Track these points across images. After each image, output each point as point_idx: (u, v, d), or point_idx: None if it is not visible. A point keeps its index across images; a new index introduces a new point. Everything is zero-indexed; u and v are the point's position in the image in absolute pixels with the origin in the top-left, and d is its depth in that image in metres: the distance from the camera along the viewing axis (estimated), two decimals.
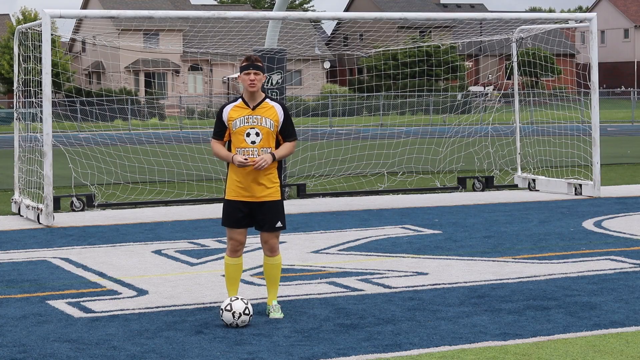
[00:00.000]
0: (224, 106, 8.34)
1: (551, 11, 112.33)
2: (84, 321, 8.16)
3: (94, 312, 8.52)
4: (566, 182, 18.06)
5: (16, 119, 16.24)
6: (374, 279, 9.93)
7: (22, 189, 15.87)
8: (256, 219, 8.29)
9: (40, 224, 14.37)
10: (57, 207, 15.46)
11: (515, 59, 19.68)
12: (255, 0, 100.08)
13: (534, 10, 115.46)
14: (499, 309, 8.48)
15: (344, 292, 9.31)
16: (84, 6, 76.44)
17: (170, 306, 8.74)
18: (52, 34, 14.93)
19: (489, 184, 18.93)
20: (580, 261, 10.82)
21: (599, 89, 24.68)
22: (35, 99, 15.55)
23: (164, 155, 21.01)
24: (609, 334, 7.57)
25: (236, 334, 7.69)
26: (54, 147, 14.80)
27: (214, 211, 15.86)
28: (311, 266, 10.75)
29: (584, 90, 18.99)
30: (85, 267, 10.76)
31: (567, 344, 7.29)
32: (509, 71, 20.71)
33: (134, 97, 54.44)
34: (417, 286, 9.54)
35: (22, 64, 16.09)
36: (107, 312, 8.50)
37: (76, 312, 8.49)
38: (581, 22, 18.62)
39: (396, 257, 11.28)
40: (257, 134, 8.16)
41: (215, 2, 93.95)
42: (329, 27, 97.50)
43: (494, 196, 17.82)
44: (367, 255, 11.48)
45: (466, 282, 9.70)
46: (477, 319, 8.08)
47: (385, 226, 13.92)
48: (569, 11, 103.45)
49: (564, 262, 10.76)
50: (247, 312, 7.88)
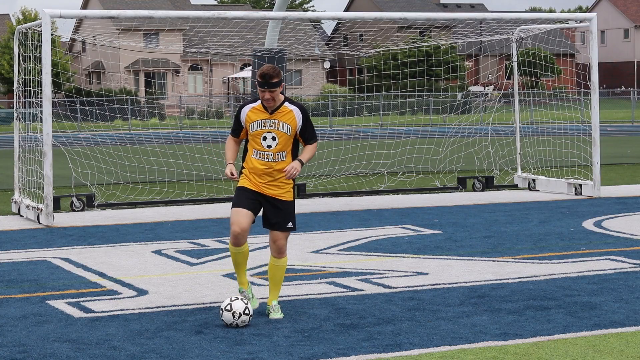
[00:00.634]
0: (243, 106, 8.39)
1: (551, 11, 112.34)
2: (84, 321, 8.16)
3: (94, 312, 8.52)
4: (566, 182, 18.06)
5: (16, 119, 16.24)
6: (374, 279, 9.93)
7: (22, 189, 15.87)
8: (266, 215, 8.31)
9: (40, 224, 14.37)
10: (57, 207, 15.46)
11: (515, 59, 19.68)
12: (255, 0, 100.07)
13: (534, 10, 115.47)
14: (499, 309, 8.48)
15: (344, 292, 9.31)
16: (84, 6, 76.44)
17: (170, 306, 8.74)
18: (52, 34, 14.93)
19: (489, 184, 18.93)
20: (580, 261, 10.82)
21: (599, 89, 24.69)
22: (35, 99, 15.55)
23: (164, 155, 21.01)
24: (609, 334, 7.58)
25: (236, 334, 7.69)
26: (54, 147, 14.80)
27: (214, 211, 15.87)
28: (311, 266, 10.75)
29: (584, 90, 18.99)
30: (85, 267, 10.76)
31: (567, 344, 7.29)
32: (509, 71, 20.71)
33: (134, 97, 54.45)
34: (417, 286, 9.54)
35: (22, 64, 16.09)
36: (107, 312, 8.50)
37: (76, 312, 8.49)
38: (581, 22, 18.62)
39: (396, 257, 11.28)
40: (273, 138, 8.18)
41: (215, 2, 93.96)
42: (329, 27, 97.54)
43: (494, 196, 17.82)
44: (367, 255, 11.49)
45: (466, 282, 9.70)
46: (477, 319, 8.09)
47: (385, 226, 13.92)
48: (569, 11, 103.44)
49: (564, 262, 10.76)
50: (247, 312, 7.88)
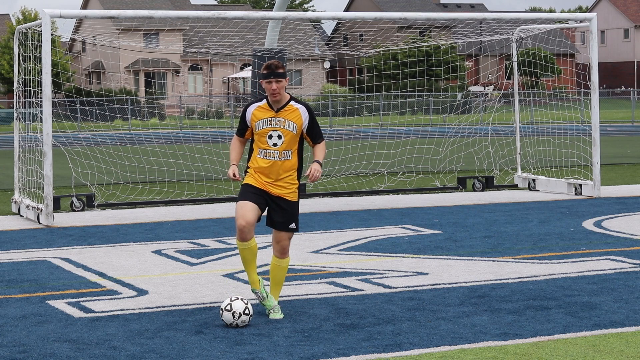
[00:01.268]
0: (249, 105, 8.40)
1: (551, 11, 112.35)
2: (84, 321, 8.16)
3: (94, 312, 8.52)
4: (566, 182, 18.06)
5: (16, 119, 16.25)
6: (374, 279, 9.93)
7: (22, 189, 15.87)
8: (270, 214, 8.31)
9: (40, 224, 14.37)
10: (57, 207, 15.46)
11: (515, 59, 19.68)
12: (255, 0, 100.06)
13: (534, 10, 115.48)
14: (499, 309, 8.48)
15: (344, 292, 9.32)
16: (84, 6, 76.45)
17: (170, 306, 8.74)
18: (52, 34, 14.93)
19: (489, 184, 18.93)
20: (580, 261, 10.82)
21: (599, 89, 24.70)
22: (35, 99, 15.55)
23: (164, 155, 21.01)
24: (609, 334, 7.58)
25: (236, 334, 7.69)
26: (54, 147, 14.80)
27: (214, 211, 15.87)
28: (311, 266, 10.75)
29: (584, 90, 19.00)
30: (85, 267, 10.76)
31: (567, 344, 7.29)
32: (509, 71, 20.71)
33: (134, 97, 54.44)
34: (417, 286, 9.54)
35: (22, 64, 16.09)
36: (107, 312, 8.50)
37: (76, 312, 8.50)
38: (581, 22, 18.62)
39: (396, 257, 11.28)
40: (279, 137, 8.18)
41: (215, 2, 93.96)
42: (329, 27, 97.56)
43: (494, 196, 17.82)
44: (367, 255, 11.49)
45: (466, 282, 9.70)
46: (477, 319, 8.09)
47: (385, 226, 13.92)
48: (569, 11, 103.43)
49: (564, 262, 10.76)
50: (247, 312, 7.88)
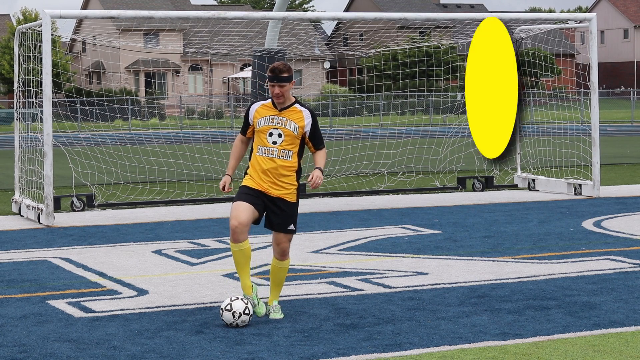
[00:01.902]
0: (253, 103, 8.43)
1: (551, 11, 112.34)
2: (84, 321, 8.17)
3: (94, 312, 8.53)
4: (566, 182, 18.07)
5: (16, 119, 16.26)
6: (374, 278, 9.94)
7: (22, 189, 15.88)
8: (269, 215, 8.30)
9: (40, 224, 14.37)
10: (57, 207, 15.47)
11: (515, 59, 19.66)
12: (255, 0, 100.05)
13: (534, 10, 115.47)
14: (499, 308, 8.49)
15: (344, 292, 9.32)
16: (84, 6, 76.46)
17: (170, 306, 8.75)
18: (52, 34, 14.94)
19: (488, 184, 18.94)
20: (579, 261, 10.83)
21: (599, 89, 24.70)
22: (35, 99, 15.56)
23: (164, 155, 21.02)
24: (609, 334, 7.58)
25: (236, 333, 7.70)
26: (54, 147, 14.81)
27: (214, 211, 15.88)
28: (311, 266, 10.76)
29: (584, 90, 19.00)
30: (85, 267, 10.77)
31: (566, 344, 7.30)
32: None
33: (134, 97, 54.45)
34: (417, 286, 9.55)
35: (23, 64, 16.10)
36: (107, 312, 8.51)
37: (76, 312, 8.50)
38: (581, 22, 18.63)
39: (396, 257, 11.29)
40: (279, 135, 8.18)
41: (215, 2, 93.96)
42: (329, 27, 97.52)
43: (494, 196, 17.83)
44: (367, 255, 11.49)
45: (466, 282, 9.71)
46: (477, 319, 8.10)
47: (385, 226, 13.93)
48: (569, 11, 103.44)
49: (564, 262, 10.77)
50: (247, 311, 7.89)
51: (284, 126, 8.19)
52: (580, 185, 17.73)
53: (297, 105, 8.30)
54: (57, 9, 14.82)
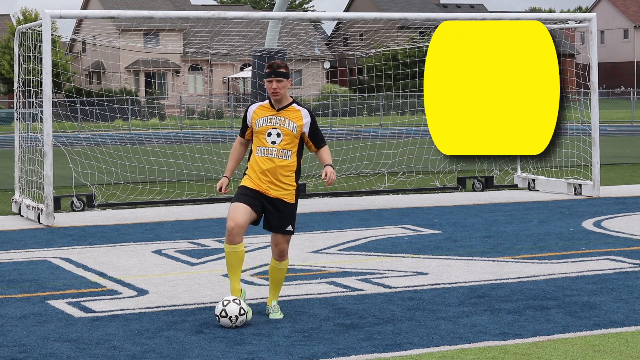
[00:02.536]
0: (251, 105, 8.43)
1: (551, 11, 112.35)
2: (84, 321, 8.17)
3: (94, 312, 8.53)
4: (566, 182, 18.07)
5: (16, 119, 16.26)
6: (374, 278, 9.94)
7: (22, 189, 15.88)
8: (267, 216, 8.28)
9: (40, 224, 14.38)
10: (57, 207, 15.47)
11: None
12: (255, 0, 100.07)
13: (534, 10, 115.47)
14: (499, 308, 8.49)
15: (344, 292, 9.32)
16: (84, 6, 76.45)
17: (170, 306, 8.75)
18: (52, 34, 14.94)
19: (488, 184, 18.94)
20: (579, 261, 10.83)
21: (599, 89, 24.69)
22: (35, 99, 15.56)
23: (164, 155, 21.01)
24: (609, 334, 7.59)
25: (236, 334, 7.70)
26: (54, 147, 14.81)
27: (214, 211, 15.87)
28: (311, 266, 10.76)
29: (584, 90, 18.99)
30: (85, 267, 10.77)
31: (566, 344, 7.30)
32: None
33: (134, 97, 54.44)
34: (417, 286, 9.55)
35: (23, 64, 16.10)
36: (108, 312, 8.51)
37: (76, 312, 8.50)
38: (581, 22, 18.63)
39: (396, 257, 11.29)
40: (278, 135, 8.17)
41: (215, 2, 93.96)
42: (329, 27, 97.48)
43: (494, 196, 17.83)
44: (367, 255, 11.49)
45: (466, 282, 9.71)
46: (477, 319, 8.10)
47: (385, 226, 13.93)
48: (569, 11, 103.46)
49: (564, 262, 10.77)
50: (242, 312, 7.85)
51: (282, 126, 8.19)
52: (580, 185, 17.73)
53: (294, 105, 8.31)
54: (57, 9, 14.82)
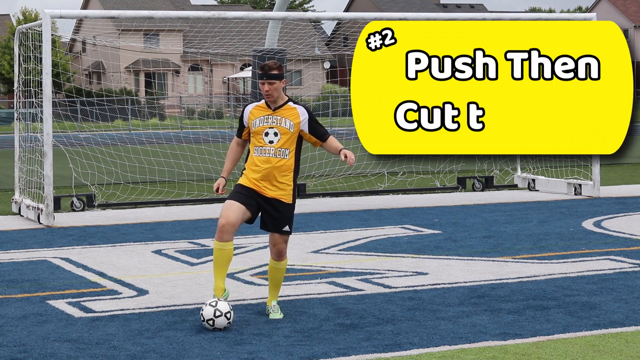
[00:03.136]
0: (247, 105, 8.41)
1: (551, 11, 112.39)
2: (84, 321, 8.17)
3: (94, 312, 8.53)
4: (566, 182, 18.07)
5: (16, 119, 16.26)
6: (374, 278, 9.94)
7: (22, 189, 15.88)
8: (264, 216, 8.26)
9: (40, 224, 14.38)
10: (57, 207, 15.47)
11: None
12: (255, 0, 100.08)
13: (534, 10, 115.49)
14: (499, 308, 8.49)
15: (344, 292, 9.32)
16: (84, 6, 76.46)
17: (170, 306, 8.75)
18: (52, 34, 14.95)
19: (488, 184, 18.95)
20: (579, 261, 10.83)
21: None
22: (35, 99, 15.56)
23: (164, 155, 21.01)
24: (609, 334, 7.59)
25: (236, 334, 7.70)
26: (54, 147, 14.81)
27: (214, 211, 15.87)
28: (311, 266, 10.76)
29: None
30: (85, 267, 10.77)
31: (566, 344, 7.30)
32: None
33: (134, 97, 54.43)
34: (417, 286, 9.55)
35: (23, 64, 16.11)
36: (107, 312, 8.51)
37: (76, 312, 8.51)
38: None
39: (396, 257, 11.29)
40: (275, 134, 8.16)
41: (215, 2, 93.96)
42: (329, 27, 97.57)
43: (494, 196, 17.84)
44: (367, 255, 11.49)
45: (466, 282, 9.71)
46: (477, 319, 8.10)
47: (385, 226, 13.93)
48: (569, 11, 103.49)
49: (564, 262, 10.77)
50: (228, 315, 7.67)
51: (279, 124, 8.18)
52: (580, 185, 17.73)
53: (290, 103, 8.30)
54: (57, 9, 14.82)
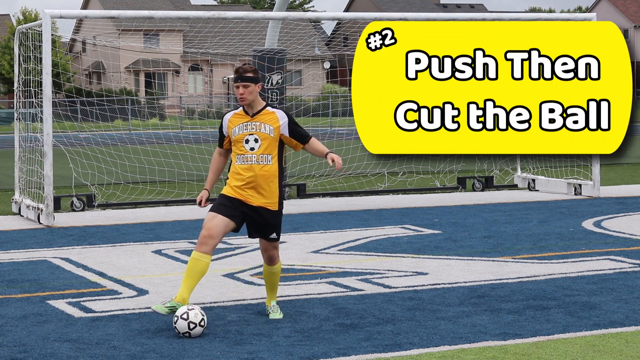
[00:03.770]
0: (225, 114, 8.29)
1: (551, 11, 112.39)
2: (84, 321, 8.17)
3: (94, 312, 8.53)
4: (566, 182, 18.07)
5: (16, 119, 16.26)
6: (374, 278, 9.94)
7: (22, 189, 15.89)
8: (250, 225, 8.13)
9: (40, 223, 14.38)
10: (57, 207, 15.47)
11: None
12: (255, 0, 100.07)
13: (534, 10, 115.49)
14: (499, 308, 8.49)
15: (344, 292, 9.32)
16: (84, 6, 76.45)
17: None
18: (52, 34, 14.95)
19: (488, 184, 18.95)
20: (579, 261, 10.83)
21: None
22: (35, 99, 15.57)
23: (164, 155, 21.01)
24: (609, 334, 7.59)
25: (236, 334, 7.70)
26: (54, 147, 14.82)
27: None
28: (311, 266, 10.76)
29: None
30: (85, 267, 10.77)
31: (566, 344, 7.30)
32: None
33: (134, 97, 54.43)
34: (417, 286, 9.55)
35: (23, 64, 16.11)
36: (108, 312, 8.51)
37: (76, 312, 8.51)
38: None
39: (396, 257, 11.29)
40: (256, 140, 8.04)
41: (215, 2, 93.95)
42: (329, 27, 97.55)
43: (494, 196, 17.84)
44: (367, 255, 11.50)
45: (466, 282, 9.71)
46: (477, 319, 8.10)
47: (385, 226, 13.93)
48: (569, 11, 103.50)
49: (564, 262, 10.77)
50: (202, 323, 7.57)
51: (258, 130, 8.04)
52: (580, 185, 17.74)
53: (268, 108, 8.16)
54: (57, 9, 14.83)
